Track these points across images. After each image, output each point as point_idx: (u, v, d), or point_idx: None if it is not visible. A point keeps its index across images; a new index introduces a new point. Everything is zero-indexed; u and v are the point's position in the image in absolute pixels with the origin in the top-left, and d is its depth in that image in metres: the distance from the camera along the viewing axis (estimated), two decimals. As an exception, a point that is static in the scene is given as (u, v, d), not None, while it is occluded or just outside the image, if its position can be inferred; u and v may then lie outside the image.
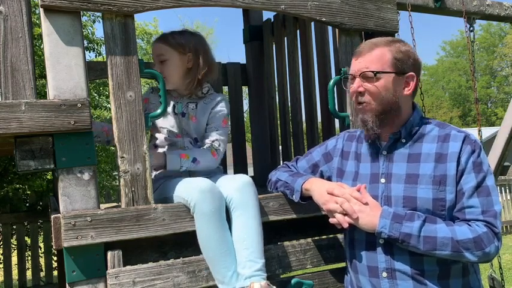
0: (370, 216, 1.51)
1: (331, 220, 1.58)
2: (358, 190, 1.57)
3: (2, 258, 5.27)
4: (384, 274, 1.55)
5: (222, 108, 2.10)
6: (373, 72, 1.57)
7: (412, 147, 1.59)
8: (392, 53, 1.58)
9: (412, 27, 2.31)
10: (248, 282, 1.61)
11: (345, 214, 1.54)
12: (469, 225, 1.47)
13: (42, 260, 5.43)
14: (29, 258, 5.43)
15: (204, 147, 2.03)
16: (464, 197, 1.50)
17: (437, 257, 1.48)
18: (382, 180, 1.60)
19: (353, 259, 1.67)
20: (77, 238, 1.55)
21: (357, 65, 1.61)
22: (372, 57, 1.59)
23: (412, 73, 1.60)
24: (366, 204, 1.53)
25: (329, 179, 1.81)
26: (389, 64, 1.58)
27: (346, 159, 1.75)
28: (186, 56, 2.05)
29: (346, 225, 1.54)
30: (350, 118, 2.12)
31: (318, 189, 1.66)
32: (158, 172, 2.04)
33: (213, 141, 2.03)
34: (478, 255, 1.45)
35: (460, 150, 1.52)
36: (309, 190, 1.71)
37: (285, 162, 2.01)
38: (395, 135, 1.61)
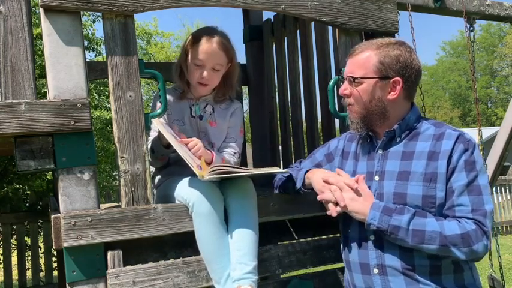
0: (363, 205, 1.53)
1: (328, 212, 1.60)
2: (357, 181, 1.58)
3: (2, 258, 5.26)
4: (375, 270, 1.56)
5: (240, 117, 2.09)
6: (353, 78, 1.61)
7: (407, 146, 1.61)
8: (379, 57, 1.59)
9: (412, 27, 2.30)
10: (235, 285, 1.60)
11: (337, 204, 1.56)
12: (459, 221, 1.48)
13: (42, 260, 5.43)
14: (29, 258, 5.43)
15: (231, 159, 1.99)
16: (454, 195, 1.50)
17: (426, 252, 1.49)
18: (376, 178, 1.62)
19: (347, 257, 1.68)
20: (77, 238, 1.55)
21: (347, 67, 1.66)
22: (358, 61, 1.62)
23: (398, 78, 1.58)
24: (360, 194, 1.55)
25: None
26: (372, 69, 1.59)
27: (346, 159, 1.77)
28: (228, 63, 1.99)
29: (334, 214, 1.56)
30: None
31: (317, 177, 1.69)
32: (165, 170, 2.01)
33: (234, 153, 2.03)
34: (465, 252, 1.45)
35: (453, 148, 1.52)
36: (309, 178, 1.73)
37: (289, 166, 2.02)
38: (390, 133, 1.63)
